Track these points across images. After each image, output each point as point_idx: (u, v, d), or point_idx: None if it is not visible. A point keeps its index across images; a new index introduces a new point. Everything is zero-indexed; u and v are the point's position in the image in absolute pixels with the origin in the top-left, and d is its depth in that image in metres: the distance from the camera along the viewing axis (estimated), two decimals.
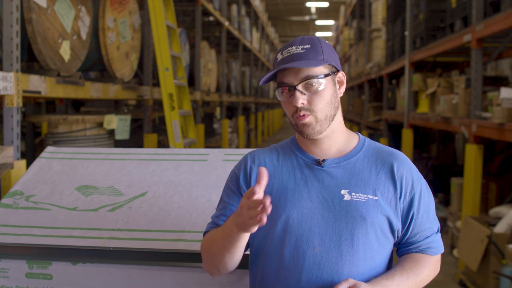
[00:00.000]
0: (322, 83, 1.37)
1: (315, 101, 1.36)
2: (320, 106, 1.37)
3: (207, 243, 1.45)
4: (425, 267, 1.41)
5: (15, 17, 2.81)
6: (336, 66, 1.42)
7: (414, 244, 1.43)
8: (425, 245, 1.43)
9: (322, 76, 1.37)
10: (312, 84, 1.36)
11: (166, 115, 4.50)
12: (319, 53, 1.37)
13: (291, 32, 29.95)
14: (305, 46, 1.37)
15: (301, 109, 1.36)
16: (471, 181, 4.31)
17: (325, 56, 1.38)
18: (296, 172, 1.43)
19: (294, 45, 1.39)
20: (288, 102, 1.39)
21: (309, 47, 1.37)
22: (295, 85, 1.36)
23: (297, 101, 1.35)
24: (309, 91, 1.36)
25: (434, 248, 1.44)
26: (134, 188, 2.17)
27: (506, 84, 4.82)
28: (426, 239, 1.43)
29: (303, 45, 1.38)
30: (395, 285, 1.33)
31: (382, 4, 9.23)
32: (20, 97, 2.85)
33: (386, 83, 8.48)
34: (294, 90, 1.36)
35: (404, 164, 1.43)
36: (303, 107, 1.36)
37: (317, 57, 1.37)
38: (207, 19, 9.90)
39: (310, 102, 1.36)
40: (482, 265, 3.84)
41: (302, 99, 1.35)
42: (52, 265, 1.88)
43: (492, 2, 4.00)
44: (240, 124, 11.82)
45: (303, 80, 1.36)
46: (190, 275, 1.81)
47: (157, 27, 4.46)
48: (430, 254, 1.43)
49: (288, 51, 1.38)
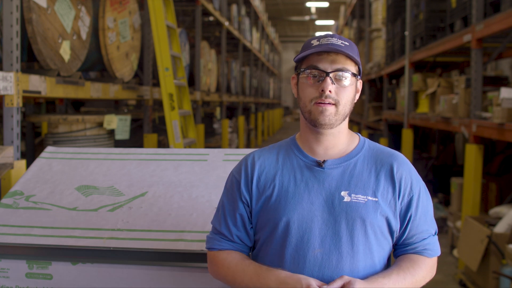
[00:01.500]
0: (349, 80, 1.39)
1: (342, 94, 1.38)
2: (345, 100, 1.39)
3: (224, 270, 1.42)
4: (422, 268, 1.41)
5: (15, 17, 2.81)
6: (360, 73, 1.45)
7: (411, 245, 1.43)
8: (422, 246, 1.43)
9: (353, 73, 1.40)
10: (342, 78, 1.38)
11: (166, 115, 4.50)
12: (355, 54, 1.41)
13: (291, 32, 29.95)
14: (344, 42, 1.41)
15: (327, 97, 1.37)
16: (471, 181, 4.31)
17: (359, 59, 1.42)
18: (297, 173, 1.42)
19: (334, 37, 1.41)
20: (312, 86, 1.39)
21: (348, 44, 1.41)
22: (328, 71, 1.38)
23: (327, 86, 1.37)
24: (339, 83, 1.39)
25: (431, 250, 1.44)
26: (134, 188, 2.17)
27: (506, 84, 4.82)
28: (423, 241, 1.43)
29: (342, 40, 1.41)
30: (392, 284, 1.33)
31: (382, 4, 9.23)
32: (20, 97, 2.85)
33: (386, 83, 8.48)
34: (326, 77, 1.37)
35: (403, 166, 1.44)
36: (330, 95, 1.37)
37: (354, 55, 1.40)
38: (207, 19, 9.89)
39: (337, 94, 1.38)
40: (482, 265, 3.84)
41: (332, 87, 1.37)
42: (52, 265, 1.88)
43: (492, 2, 4.00)
44: (240, 124, 11.82)
45: (337, 70, 1.38)
46: (190, 275, 1.81)
47: (157, 27, 4.46)
48: (426, 256, 1.43)
49: (327, 40, 1.40)
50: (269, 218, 1.41)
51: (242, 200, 1.45)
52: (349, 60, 1.40)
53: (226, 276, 1.43)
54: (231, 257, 1.44)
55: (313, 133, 1.44)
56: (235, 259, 1.43)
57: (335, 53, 1.38)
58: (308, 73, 1.40)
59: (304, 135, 1.47)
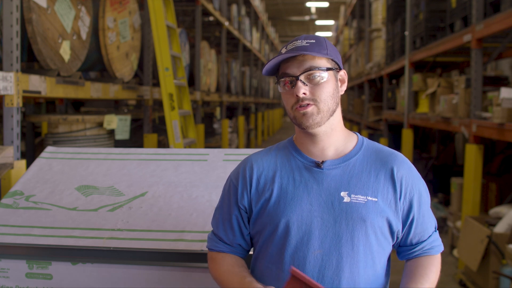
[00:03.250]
0: (324, 75, 1.38)
1: (318, 92, 1.37)
2: (323, 96, 1.37)
3: (218, 274, 1.46)
4: (433, 271, 1.42)
5: (15, 17, 2.81)
6: (338, 64, 1.43)
7: (418, 245, 1.43)
8: (429, 245, 1.43)
9: (325, 69, 1.38)
10: (315, 76, 1.37)
11: (166, 115, 4.50)
12: (323, 48, 1.39)
13: (291, 32, 29.94)
14: (310, 41, 1.39)
15: (303, 99, 1.36)
16: (471, 181, 4.31)
17: (329, 51, 1.40)
18: (295, 175, 1.42)
19: (299, 40, 1.41)
20: (289, 94, 1.39)
21: (313, 41, 1.39)
22: (297, 75, 1.37)
23: (299, 90, 1.35)
24: (312, 82, 1.37)
25: (437, 246, 1.45)
26: (134, 188, 2.17)
27: (506, 84, 4.82)
28: (428, 238, 1.44)
29: (308, 39, 1.40)
30: None
31: (382, 4, 9.23)
32: (20, 97, 2.85)
33: (386, 83, 8.48)
34: (297, 81, 1.36)
35: (403, 165, 1.43)
36: (305, 97, 1.36)
37: (321, 51, 1.38)
38: (207, 19, 9.90)
39: (313, 93, 1.37)
40: (482, 265, 3.84)
41: (304, 89, 1.36)
42: (52, 265, 1.88)
43: (492, 2, 4.00)
44: (240, 124, 11.82)
45: (306, 70, 1.37)
46: (190, 275, 1.81)
47: (157, 27, 4.46)
48: (434, 254, 1.44)
49: (292, 44, 1.40)
50: (268, 219, 1.40)
51: (239, 205, 1.46)
52: (318, 57, 1.38)
53: (216, 278, 1.47)
54: (224, 261, 1.47)
55: (306, 136, 1.43)
56: (228, 264, 1.45)
57: (301, 55, 1.37)
58: (283, 82, 1.40)
59: (300, 138, 1.47)
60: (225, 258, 1.48)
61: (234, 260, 1.47)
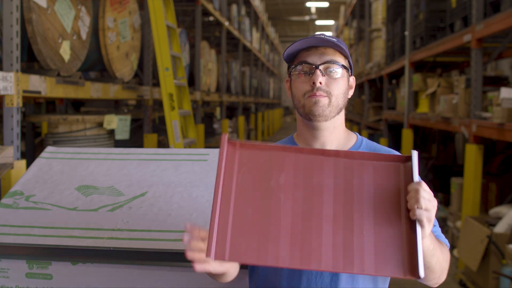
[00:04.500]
0: (340, 72, 1.40)
1: (333, 85, 1.39)
2: (337, 91, 1.39)
3: None
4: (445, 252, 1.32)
5: (15, 17, 2.81)
6: (351, 68, 1.47)
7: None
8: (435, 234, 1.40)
9: (342, 66, 1.41)
10: (332, 70, 1.39)
11: (166, 115, 4.50)
12: (344, 47, 1.42)
13: (291, 32, 29.96)
14: (333, 39, 1.42)
15: (319, 89, 1.37)
16: (471, 181, 4.31)
17: (348, 53, 1.44)
18: None
19: (322, 34, 1.43)
20: (304, 81, 1.40)
21: (335, 40, 1.42)
22: (318, 64, 1.39)
23: (317, 78, 1.37)
24: (329, 75, 1.39)
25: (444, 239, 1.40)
26: (134, 188, 2.16)
27: (506, 84, 4.82)
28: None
29: (331, 37, 1.43)
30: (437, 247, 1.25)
31: (382, 4, 9.23)
32: (20, 97, 2.85)
33: (386, 83, 8.48)
34: (316, 69, 1.38)
35: None
36: (321, 87, 1.38)
37: (343, 49, 1.41)
38: (207, 19, 9.89)
39: (328, 85, 1.39)
40: (482, 265, 3.84)
41: (321, 78, 1.38)
42: (52, 265, 1.88)
43: (492, 2, 4.00)
44: (240, 124, 11.82)
45: (327, 62, 1.39)
46: (190, 275, 1.81)
47: (157, 27, 4.46)
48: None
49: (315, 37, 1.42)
50: None
51: None
52: (338, 53, 1.41)
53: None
54: None
55: (309, 129, 1.44)
56: None
57: (323, 46, 1.40)
58: (299, 69, 1.41)
59: (301, 133, 1.47)
60: None
61: None
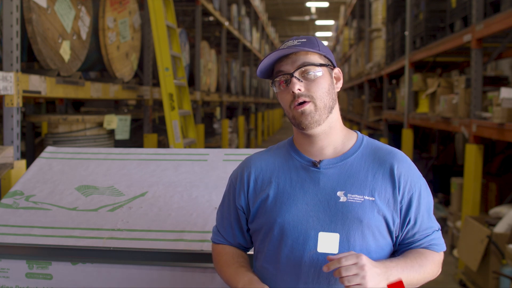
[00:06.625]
0: (319, 71, 1.38)
1: (314, 88, 1.37)
2: (319, 93, 1.37)
3: (219, 265, 1.50)
4: (429, 261, 1.37)
5: (15, 17, 2.81)
6: (331, 61, 1.44)
7: (416, 242, 1.40)
8: (427, 242, 1.40)
9: (318, 64, 1.39)
10: (309, 72, 1.37)
11: (166, 115, 4.50)
12: (314, 45, 1.41)
13: (291, 32, 29.94)
14: (301, 40, 1.42)
15: (299, 96, 1.36)
16: (471, 181, 4.31)
17: (321, 48, 1.41)
18: (292, 174, 1.42)
19: (290, 40, 1.43)
20: (285, 92, 1.39)
21: (304, 40, 1.42)
22: (291, 72, 1.37)
23: (294, 86, 1.36)
24: (307, 79, 1.38)
25: (437, 245, 1.41)
26: (134, 188, 2.17)
27: (506, 84, 4.82)
28: (427, 237, 1.40)
29: (299, 39, 1.42)
30: (399, 268, 1.30)
31: (382, 4, 9.23)
32: (20, 97, 2.85)
33: (386, 83, 8.48)
34: (291, 78, 1.37)
35: (403, 163, 1.41)
36: (301, 93, 1.36)
37: (313, 47, 1.40)
38: (207, 19, 9.90)
39: (308, 89, 1.37)
40: (482, 265, 3.84)
41: (299, 85, 1.36)
42: (52, 265, 1.88)
43: (492, 2, 4.00)
44: (240, 124, 11.82)
45: (300, 67, 1.37)
46: (190, 275, 1.81)
47: (157, 27, 4.46)
48: (433, 250, 1.41)
49: (284, 45, 1.43)
50: (265, 219, 1.41)
51: (237, 206, 1.48)
52: (310, 53, 1.39)
53: (217, 269, 1.51)
54: (224, 252, 1.51)
55: (304, 136, 1.43)
56: (227, 254, 1.50)
57: (294, 53, 1.39)
58: (278, 81, 1.41)
59: (298, 139, 1.47)
60: (225, 249, 1.52)
61: (233, 251, 1.51)
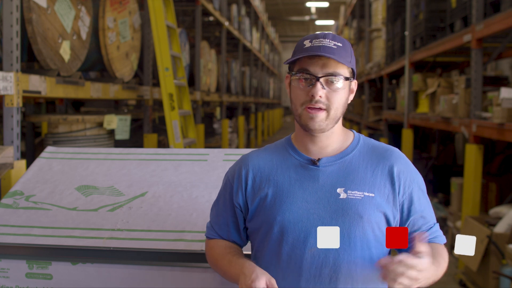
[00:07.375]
0: (341, 83, 1.37)
1: (333, 98, 1.36)
2: (336, 104, 1.37)
3: (212, 259, 1.50)
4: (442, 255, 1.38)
5: (15, 17, 2.81)
6: (355, 74, 1.43)
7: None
8: (432, 234, 1.41)
9: (344, 78, 1.37)
10: (334, 82, 1.36)
11: (166, 115, 4.50)
12: (348, 55, 1.38)
13: (291, 32, 29.95)
14: (337, 43, 1.37)
15: (318, 102, 1.35)
16: (471, 181, 4.31)
17: (352, 60, 1.40)
18: (291, 173, 1.42)
19: (326, 38, 1.37)
20: (303, 90, 1.38)
21: (341, 45, 1.37)
22: (318, 76, 1.36)
23: (317, 92, 1.35)
24: (329, 87, 1.36)
25: (440, 236, 1.43)
26: (134, 188, 2.17)
27: (506, 84, 4.81)
28: (430, 229, 1.41)
29: (335, 41, 1.37)
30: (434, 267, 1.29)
31: (382, 4, 9.22)
32: (20, 97, 2.85)
33: (386, 83, 8.48)
34: (316, 81, 1.35)
35: (400, 160, 1.43)
36: (320, 100, 1.35)
37: (346, 58, 1.37)
38: (207, 19, 9.89)
39: (328, 98, 1.36)
40: (482, 265, 3.84)
41: (321, 92, 1.35)
42: (52, 265, 1.88)
43: (492, 2, 4.00)
44: (240, 124, 11.82)
45: (328, 74, 1.36)
46: (190, 275, 1.81)
47: (157, 27, 4.46)
48: (439, 242, 1.42)
49: (319, 41, 1.37)
50: (264, 218, 1.41)
51: (234, 203, 1.48)
52: (341, 64, 1.37)
53: (211, 263, 1.51)
54: (218, 245, 1.51)
55: (306, 135, 1.43)
56: (220, 247, 1.49)
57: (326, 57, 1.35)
58: (299, 76, 1.38)
59: (299, 136, 1.47)
60: (218, 242, 1.51)
61: (226, 244, 1.50)
